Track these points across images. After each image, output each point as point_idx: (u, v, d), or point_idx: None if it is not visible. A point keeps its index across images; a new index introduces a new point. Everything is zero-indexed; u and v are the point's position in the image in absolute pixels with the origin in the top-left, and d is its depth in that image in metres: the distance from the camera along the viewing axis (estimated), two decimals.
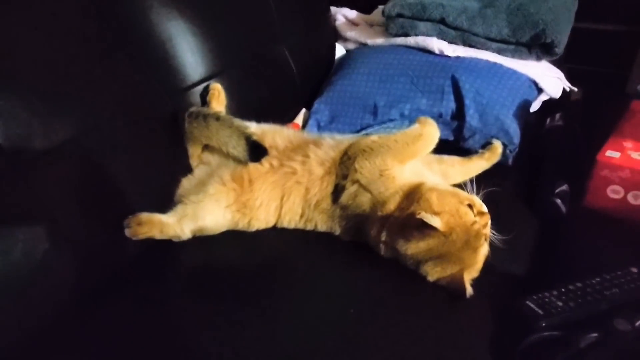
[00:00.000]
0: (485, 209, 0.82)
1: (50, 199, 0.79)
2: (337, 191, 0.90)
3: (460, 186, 0.88)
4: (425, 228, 0.76)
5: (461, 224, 0.77)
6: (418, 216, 0.75)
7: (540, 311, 0.70)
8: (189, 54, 1.07)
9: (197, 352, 0.70)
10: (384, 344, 0.70)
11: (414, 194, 0.82)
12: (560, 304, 0.71)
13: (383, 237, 0.84)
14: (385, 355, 0.69)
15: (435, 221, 0.75)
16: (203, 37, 1.08)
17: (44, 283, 0.76)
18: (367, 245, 0.87)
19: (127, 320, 0.77)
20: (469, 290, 0.76)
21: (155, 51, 1.03)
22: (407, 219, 0.79)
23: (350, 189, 0.89)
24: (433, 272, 0.79)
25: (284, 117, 1.27)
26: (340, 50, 1.52)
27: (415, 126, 0.93)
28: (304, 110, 1.35)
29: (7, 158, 0.75)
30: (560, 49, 1.23)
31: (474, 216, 0.79)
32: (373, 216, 0.85)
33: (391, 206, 0.83)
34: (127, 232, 0.88)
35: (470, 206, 0.80)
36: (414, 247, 0.79)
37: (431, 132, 0.92)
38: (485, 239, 0.80)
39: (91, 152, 0.86)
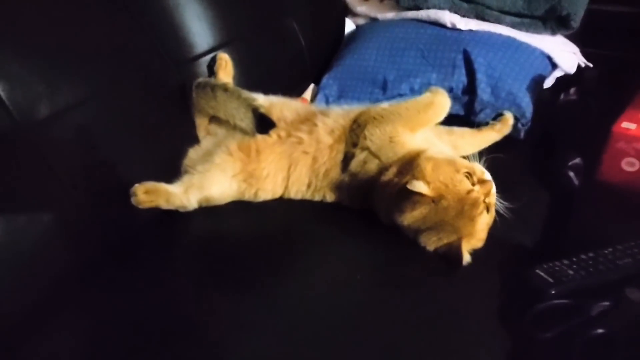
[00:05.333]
0: (487, 176, 0.80)
1: (58, 165, 0.79)
2: (347, 159, 0.89)
3: (465, 156, 0.87)
4: (414, 196, 0.75)
5: (454, 192, 0.76)
6: (406, 185, 0.75)
7: (550, 279, 0.69)
8: (197, 23, 1.06)
9: (202, 322, 0.70)
10: (391, 309, 0.70)
11: (411, 162, 0.81)
12: (571, 272, 0.70)
13: (383, 204, 0.83)
14: (393, 321, 0.68)
15: (420, 186, 0.74)
16: (211, 6, 1.07)
17: (48, 250, 0.77)
18: (375, 213, 0.86)
19: (132, 289, 0.77)
20: (467, 258, 0.75)
21: (163, 19, 1.02)
22: (401, 189, 0.78)
23: (360, 156, 0.88)
24: (430, 242, 0.78)
25: (292, 92, 1.25)
26: (350, 26, 1.50)
27: (427, 94, 0.92)
28: (312, 85, 1.34)
29: (14, 122, 0.75)
30: (576, 22, 1.20)
31: (473, 184, 0.78)
32: (378, 182, 0.84)
33: (391, 172, 0.83)
34: (133, 200, 0.87)
35: (469, 174, 0.78)
36: (409, 217, 0.78)
37: (442, 100, 0.91)
38: (488, 208, 0.78)
39: (98, 118, 0.86)
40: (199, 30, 1.06)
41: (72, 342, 0.70)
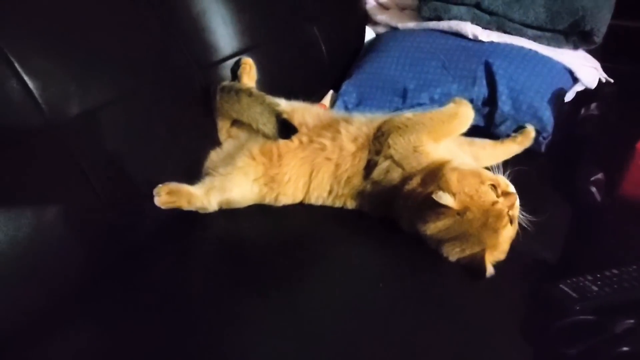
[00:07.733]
0: (512, 189, 0.80)
1: (85, 163, 0.80)
2: (370, 167, 0.90)
3: (488, 167, 0.86)
4: (439, 207, 0.75)
5: (479, 204, 0.76)
6: (432, 196, 0.75)
7: (574, 295, 0.68)
8: (222, 28, 1.07)
9: (220, 324, 0.70)
10: (413, 320, 0.70)
11: (436, 172, 0.81)
12: (595, 288, 0.69)
13: (405, 213, 0.83)
14: (414, 332, 0.68)
15: (447, 199, 0.74)
16: (236, 12, 1.09)
17: (71, 248, 0.77)
18: (396, 222, 0.86)
19: (151, 290, 0.77)
20: (490, 270, 0.75)
21: (190, 23, 1.03)
22: (425, 199, 0.78)
23: (383, 164, 0.88)
24: (453, 253, 0.78)
25: (312, 98, 1.25)
26: (370, 34, 1.51)
27: (451, 105, 0.92)
28: (331, 91, 1.34)
29: (45, 119, 0.76)
30: (599, 38, 1.20)
31: (498, 196, 0.78)
32: (401, 191, 0.84)
33: (415, 181, 0.83)
34: (156, 201, 0.88)
35: (494, 186, 0.78)
36: (432, 227, 0.78)
37: (466, 112, 0.91)
38: (512, 220, 0.78)
39: (125, 118, 0.87)
40: (224, 35, 1.07)
41: (89, 341, 0.70)
